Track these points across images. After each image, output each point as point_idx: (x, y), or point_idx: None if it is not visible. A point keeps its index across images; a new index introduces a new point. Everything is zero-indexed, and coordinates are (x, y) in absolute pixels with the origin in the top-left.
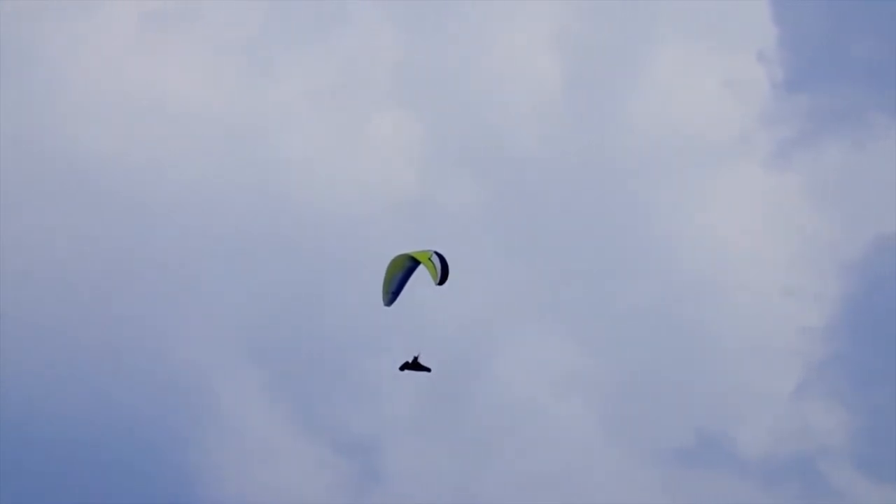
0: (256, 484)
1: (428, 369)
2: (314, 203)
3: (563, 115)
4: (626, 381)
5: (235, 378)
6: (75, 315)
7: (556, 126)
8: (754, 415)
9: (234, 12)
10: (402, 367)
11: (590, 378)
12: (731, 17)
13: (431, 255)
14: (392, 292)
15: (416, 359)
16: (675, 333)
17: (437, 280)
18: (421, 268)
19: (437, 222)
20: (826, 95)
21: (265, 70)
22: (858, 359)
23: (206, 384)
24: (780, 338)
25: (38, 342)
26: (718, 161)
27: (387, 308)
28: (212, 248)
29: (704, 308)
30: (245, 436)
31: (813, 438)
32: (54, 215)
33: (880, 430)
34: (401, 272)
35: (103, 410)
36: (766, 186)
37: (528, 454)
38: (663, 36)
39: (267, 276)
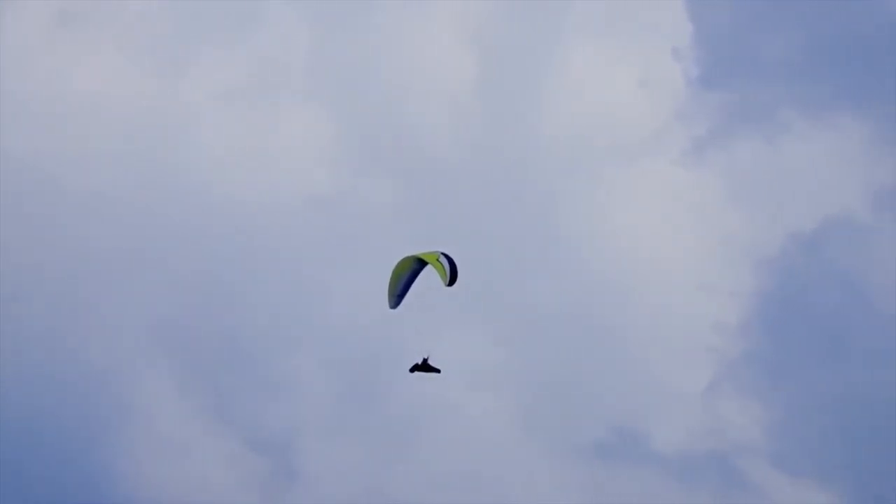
0: (169, 481)
1: (438, 370)
2: (227, 200)
3: (477, 113)
4: (541, 377)
5: (148, 374)
6: None
7: (470, 124)
8: (670, 410)
9: (147, 11)
10: (413, 369)
11: (505, 375)
12: (646, 16)
13: (439, 257)
14: (397, 295)
15: (425, 360)
16: (590, 330)
17: (447, 281)
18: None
19: (351, 220)
20: (740, 93)
21: (178, 69)
22: (772, 355)
23: (119, 379)
24: (696, 334)
25: None
26: (633, 158)
27: (392, 310)
28: (124, 245)
29: (619, 304)
30: (157, 432)
31: (728, 434)
32: None
33: (794, 425)
34: (406, 274)
35: (12, 406)
36: (681, 183)
37: (444, 451)
38: (578, 33)
39: (180, 272)
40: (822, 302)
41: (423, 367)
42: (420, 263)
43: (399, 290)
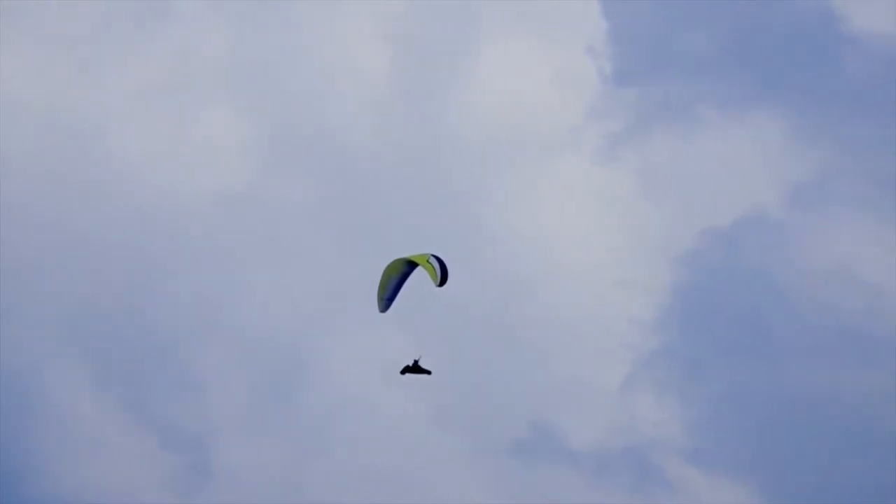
0: (83, 479)
1: (428, 372)
2: (141, 197)
3: (393, 109)
4: (457, 374)
5: (62, 371)
6: None
7: (386, 120)
8: (586, 407)
9: (63, 8)
10: (404, 371)
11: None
12: (560, 11)
13: (430, 258)
14: (387, 298)
15: (416, 362)
16: (505, 327)
17: (438, 281)
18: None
19: (268, 217)
20: (654, 89)
21: (94, 66)
22: (687, 351)
23: (32, 377)
24: (611, 330)
25: None
26: (548, 155)
27: (382, 314)
28: (38, 242)
29: (535, 301)
30: (71, 430)
31: (644, 430)
32: None
33: (710, 421)
34: (396, 277)
35: None
36: (596, 180)
37: (360, 448)
38: (492, 29)
39: (93, 269)
40: (736, 298)
41: (414, 368)
42: (410, 266)
43: (388, 293)
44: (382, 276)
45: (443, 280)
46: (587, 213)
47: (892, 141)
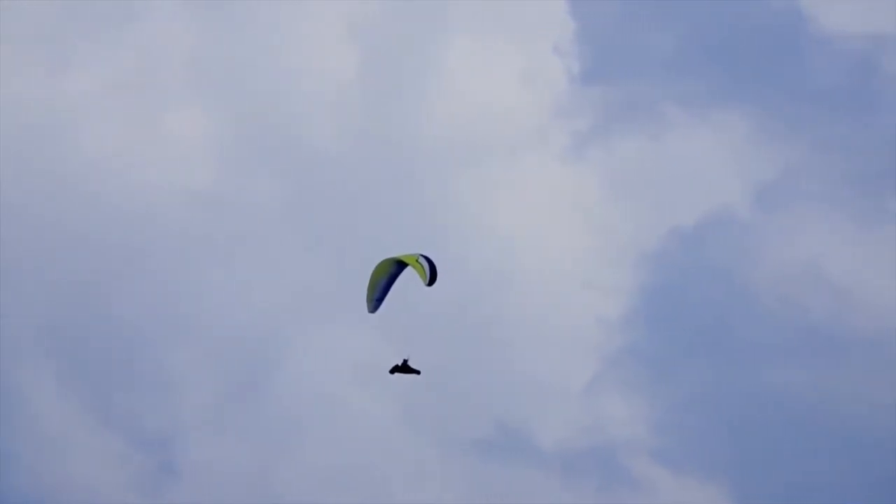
0: (49, 478)
1: (417, 372)
2: (109, 196)
3: (359, 108)
4: (425, 372)
5: (28, 369)
6: None
7: (353, 119)
8: (553, 406)
9: (29, 5)
10: (393, 371)
11: (388, 370)
12: (527, 10)
13: (419, 258)
14: (376, 299)
15: (405, 362)
16: (473, 326)
17: (427, 281)
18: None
19: (235, 215)
20: (621, 89)
21: (60, 64)
22: (654, 350)
23: None
24: (578, 330)
25: None
26: (515, 154)
27: (371, 314)
28: (4, 240)
29: (501, 300)
30: (37, 428)
31: (610, 429)
32: None
33: (677, 420)
34: (385, 278)
35: None
36: (563, 179)
37: (327, 446)
38: (459, 28)
39: (60, 268)
40: (703, 297)
41: (403, 368)
42: (399, 266)
43: (378, 294)
44: (371, 277)
45: (432, 279)
46: (554, 213)
47: (858, 140)
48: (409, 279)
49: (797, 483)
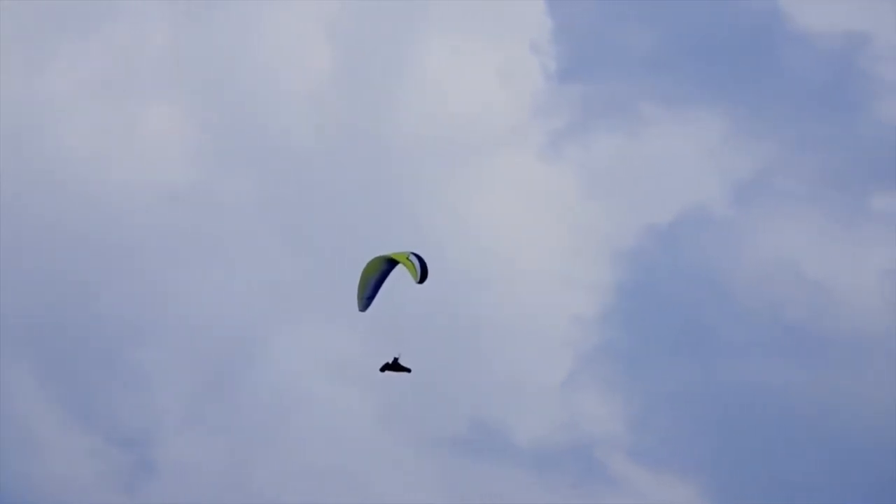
0: (27, 477)
1: (408, 370)
2: (85, 194)
3: (337, 106)
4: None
5: (5, 367)
6: None
7: (330, 117)
8: (529, 403)
9: (6, 4)
10: (383, 369)
11: (365, 367)
12: (505, 8)
13: (409, 255)
14: (367, 297)
15: (396, 360)
16: (449, 323)
17: (418, 278)
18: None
19: (212, 213)
20: (598, 87)
21: (38, 63)
22: (630, 348)
23: None
24: (554, 327)
25: None
26: (492, 152)
27: (362, 313)
28: None
29: (478, 298)
30: (14, 426)
31: (586, 427)
32: None
33: (653, 417)
34: (375, 276)
35: None
36: (540, 177)
37: (304, 444)
38: (436, 26)
39: (38, 265)
40: (679, 294)
41: (394, 366)
42: (389, 264)
43: (368, 292)
44: (362, 275)
45: (423, 277)
46: (531, 210)
47: (835, 138)
48: (398, 277)
49: (774, 480)
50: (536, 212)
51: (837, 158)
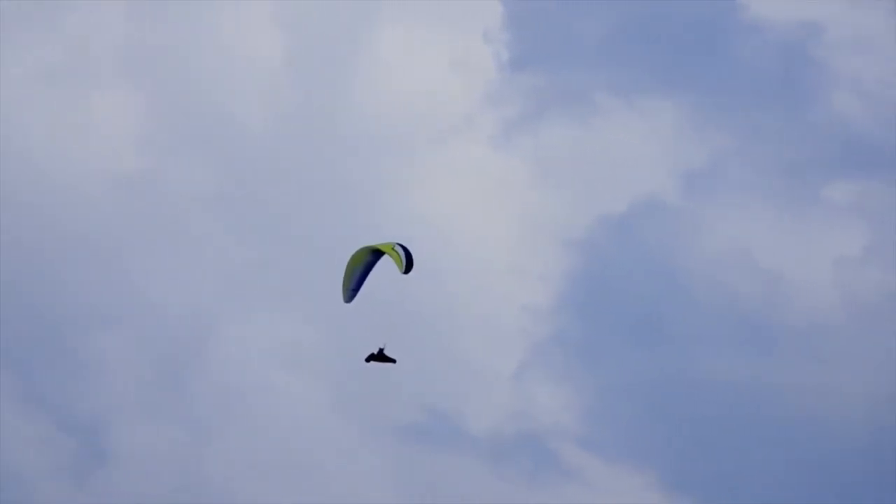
0: None
1: (393, 360)
2: (38, 180)
3: (289, 95)
4: (354, 358)
5: None
6: None
7: (282, 106)
8: (481, 392)
9: None
10: (368, 359)
11: (318, 356)
12: None
13: (395, 246)
14: (352, 289)
15: (381, 350)
16: (401, 311)
17: (403, 269)
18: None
19: (164, 201)
20: (551, 76)
21: None
22: (582, 337)
23: None
24: (506, 316)
25: None
26: (444, 141)
27: (347, 304)
28: None
29: (430, 286)
30: None
31: (538, 416)
32: None
33: (604, 407)
34: (360, 267)
35: None
36: (492, 166)
37: (257, 432)
38: (389, 15)
39: None
40: (632, 284)
41: (379, 356)
42: (375, 255)
43: (354, 283)
44: (347, 266)
45: (408, 267)
46: (483, 199)
47: (788, 128)
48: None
49: (726, 470)
50: (489, 201)
51: (790, 148)
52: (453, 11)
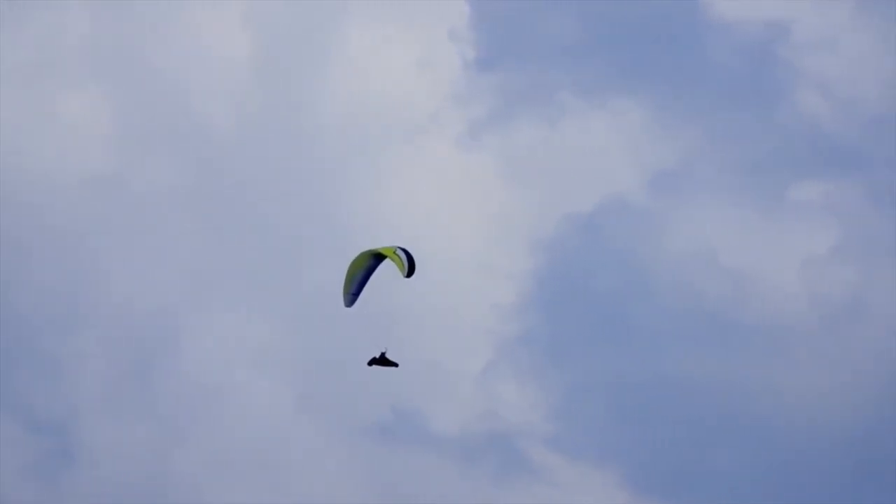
0: None
1: (395, 364)
2: (4, 181)
3: (257, 94)
4: (319, 358)
5: None
6: None
7: (250, 105)
8: (449, 392)
9: None
10: (371, 363)
11: (284, 356)
12: None
13: (396, 250)
14: (352, 293)
15: (383, 354)
16: (368, 311)
17: (405, 273)
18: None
19: (130, 201)
20: (517, 75)
21: None
22: (550, 336)
23: None
24: (473, 315)
25: None
26: (411, 140)
27: (348, 308)
28: None
29: (396, 285)
30: None
31: (505, 415)
32: None
33: (572, 406)
34: (361, 271)
35: None
36: (458, 165)
37: (224, 432)
38: (355, 14)
39: None
40: (599, 283)
41: (381, 360)
42: (376, 258)
43: (354, 288)
44: (348, 270)
45: (410, 271)
46: (450, 199)
47: (754, 127)
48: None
49: (692, 470)
50: (455, 200)
51: (757, 148)
52: (419, 11)
